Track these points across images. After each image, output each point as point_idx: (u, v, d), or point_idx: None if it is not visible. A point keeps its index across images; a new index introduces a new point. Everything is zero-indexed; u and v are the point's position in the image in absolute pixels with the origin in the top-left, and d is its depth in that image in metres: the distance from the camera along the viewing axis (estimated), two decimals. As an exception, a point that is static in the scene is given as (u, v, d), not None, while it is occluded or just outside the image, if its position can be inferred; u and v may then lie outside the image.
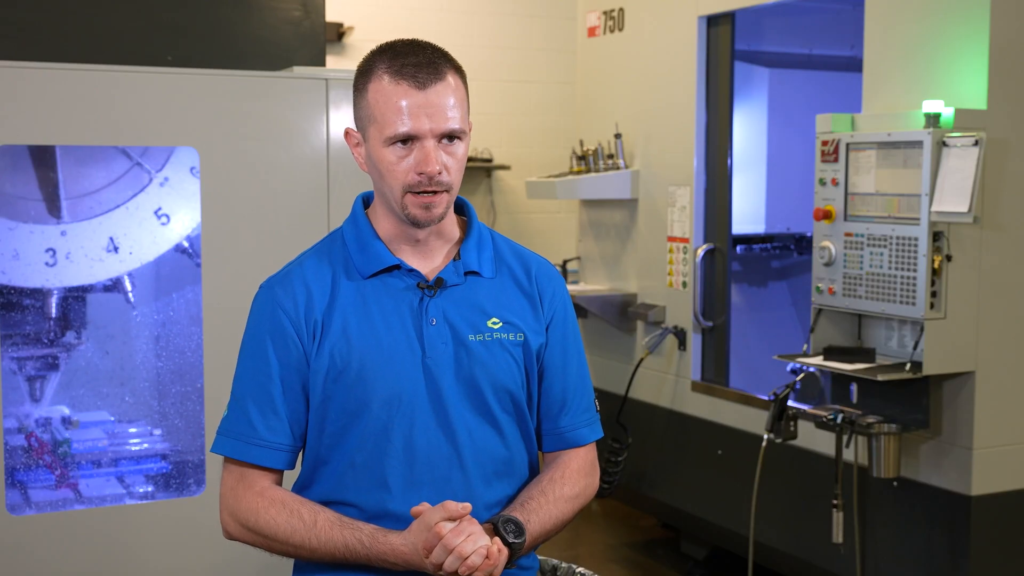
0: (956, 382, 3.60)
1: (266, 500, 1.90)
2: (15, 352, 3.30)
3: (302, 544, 1.87)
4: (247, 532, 1.92)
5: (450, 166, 1.87)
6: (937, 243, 3.45)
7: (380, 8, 6.77)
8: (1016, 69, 3.54)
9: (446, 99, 1.86)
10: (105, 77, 3.04)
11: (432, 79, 1.85)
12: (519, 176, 7.08)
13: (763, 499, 4.06)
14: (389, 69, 1.86)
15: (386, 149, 1.86)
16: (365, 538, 1.84)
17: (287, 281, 1.96)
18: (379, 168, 1.89)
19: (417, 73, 1.85)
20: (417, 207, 1.88)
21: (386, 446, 1.90)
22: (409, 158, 1.86)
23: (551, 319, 2.03)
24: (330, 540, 1.85)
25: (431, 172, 1.84)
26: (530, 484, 2.01)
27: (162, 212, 3.34)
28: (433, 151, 1.85)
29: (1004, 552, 3.65)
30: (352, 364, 1.90)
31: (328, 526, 1.86)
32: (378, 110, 1.87)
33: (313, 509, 1.89)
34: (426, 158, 1.84)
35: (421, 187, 1.86)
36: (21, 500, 3.19)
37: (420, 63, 1.86)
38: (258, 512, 1.90)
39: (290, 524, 1.87)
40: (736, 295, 5.10)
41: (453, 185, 1.89)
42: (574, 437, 2.05)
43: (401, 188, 1.87)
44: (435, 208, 1.88)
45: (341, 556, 1.85)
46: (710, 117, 4.71)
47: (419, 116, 1.84)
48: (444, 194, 1.88)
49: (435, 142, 1.86)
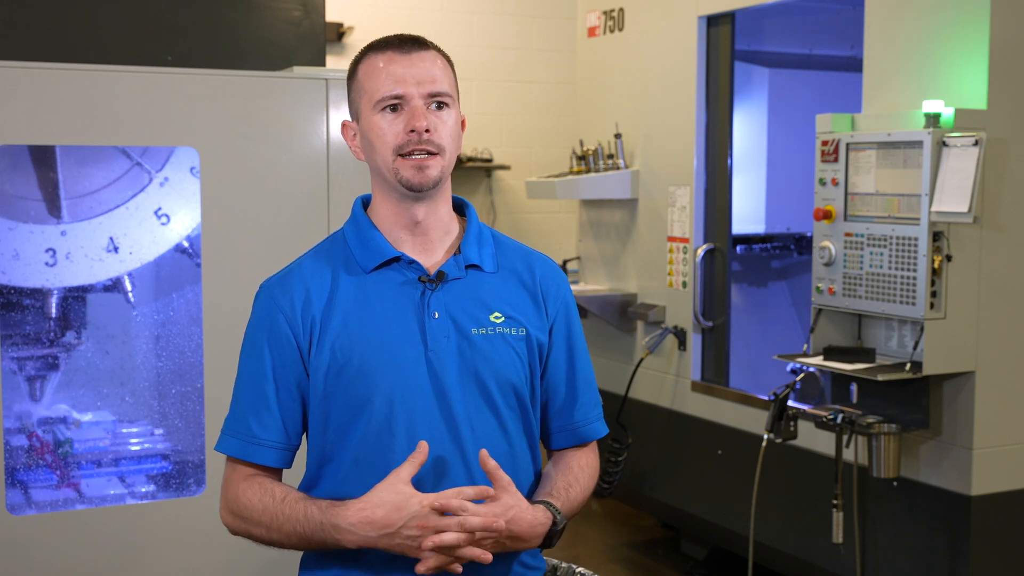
0: (956, 382, 3.60)
1: (247, 483, 1.93)
2: (15, 352, 3.30)
3: (272, 523, 1.88)
4: (234, 518, 1.95)
5: (440, 128, 1.91)
6: (937, 243, 3.45)
7: (380, 8, 6.78)
8: (1016, 69, 3.54)
9: (431, 65, 1.92)
10: (105, 77, 3.04)
11: (416, 48, 1.93)
12: (519, 176, 7.08)
13: (763, 499, 4.06)
14: (376, 49, 1.95)
15: (376, 116, 1.91)
16: (323, 503, 1.85)
17: (285, 281, 1.97)
18: (370, 138, 1.92)
19: (402, 44, 1.93)
20: (409, 169, 1.89)
21: (390, 441, 1.90)
22: (399, 121, 1.90)
23: (556, 317, 2.04)
24: (293, 511, 1.86)
25: (419, 127, 1.87)
26: (551, 475, 2.03)
27: (162, 212, 3.34)
28: (421, 109, 1.89)
29: (1004, 552, 3.65)
30: (354, 359, 1.90)
31: (294, 500, 1.88)
32: (367, 82, 1.93)
33: (286, 489, 1.91)
34: (413, 114, 1.88)
35: (411, 146, 1.89)
36: (23, 500, 3.19)
37: (404, 39, 1.95)
38: (239, 496, 1.92)
39: (262, 502, 1.89)
40: (736, 295, 5.10)
41: (445, 149, 1.92)
42: (587, 432, 2.08)
43: (392, 152, 1.90)
44: (428, 170, 1.90)
45: (302, 529, 1.85)
46: (710, 117, 4.71)
47: (405, 78, 1.90)
48: (436, 156, 1.90)
49: (423, 103, 1.90)
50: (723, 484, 4.57)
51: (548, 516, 1.91)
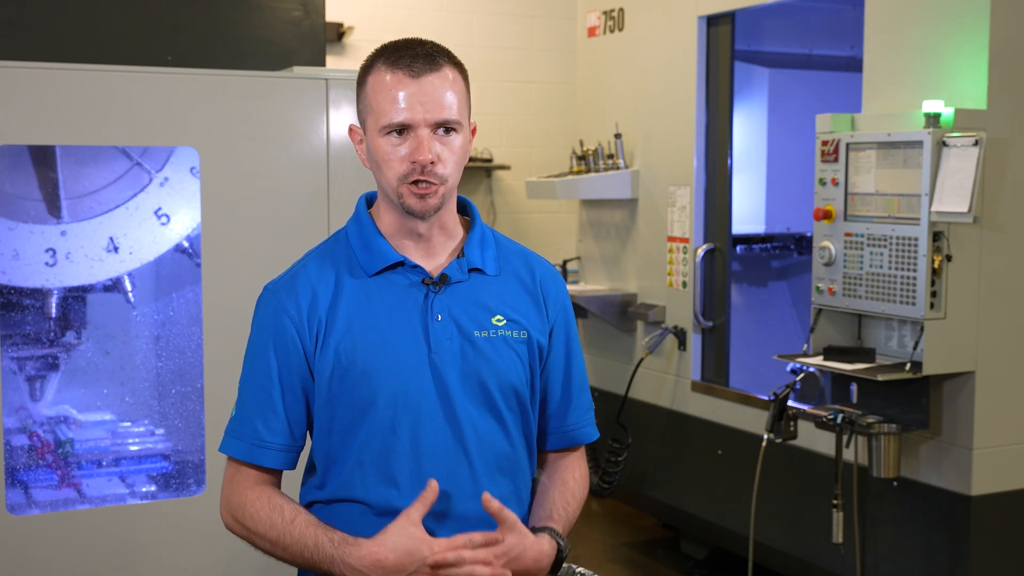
0: (956, 382, 3.60)
1: (255, 494, 1.93)
2: (15, 352, 3.30)
3: (278, 540, 1.88)
4: (236, 524, 1.95)
5: (445, 157, 1.88)
6: (937, 243, 3.45)
7: (380, 8, 6.77)
8: (1016, 69, 3.54)
9: (442, 89, 1.87)
10: (105, 77, 3.04)
11: (427, 70, 1.87)
12: (519, 176, 7.08)
13: (763, 499, 4.06)
14: (387, 62, 1.89)
15: (382, 139, 1.88)
16: (336, 537, 1.85)
17: (291, 283, 1.97)
18: (376, 158, 1.90)
19: (413, 63, 1.87)
20: (412, 196, 1.88)
21: (393, 443, 1.90)
22: (404, 147, 1.87)
23: (556, 319, 2.05)
24: (303, 536, 1.86)
25: (423, 161, 1.85)
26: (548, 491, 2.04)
27: (162, 212, 3.34)
28: (427, 140, 1.85)
29: (1004, 552, 3.65)
30: (358, 361, 1.90)
31: (304, 525, 1.87)
32: (374, 100, 1.89)
33: (296, 509, 1.91)
34: (419, 147, 1.85)
35: (415, 176, 1.86)
36: (24, 500, 3.19)
37: (417, 55, 1.88)
38: (245, 505, 1.92)
39: (270, 518, 1.89)
40: (736, 295, 5.10)
41: (449, 178, 1.89)
42: (579, 435, 2.08)
43: (396, 178, 1.88)
44: (430, 199, 1.88)
45: (310, 556, 1.85)
46: (710, 117, 4.71)
47: (413, 105, 1.85)
48: (439, 186, 1.88)
49: (430, 132, 1.86)
50: (723, 484, 4.57)
51: (553, 546, 1.92)
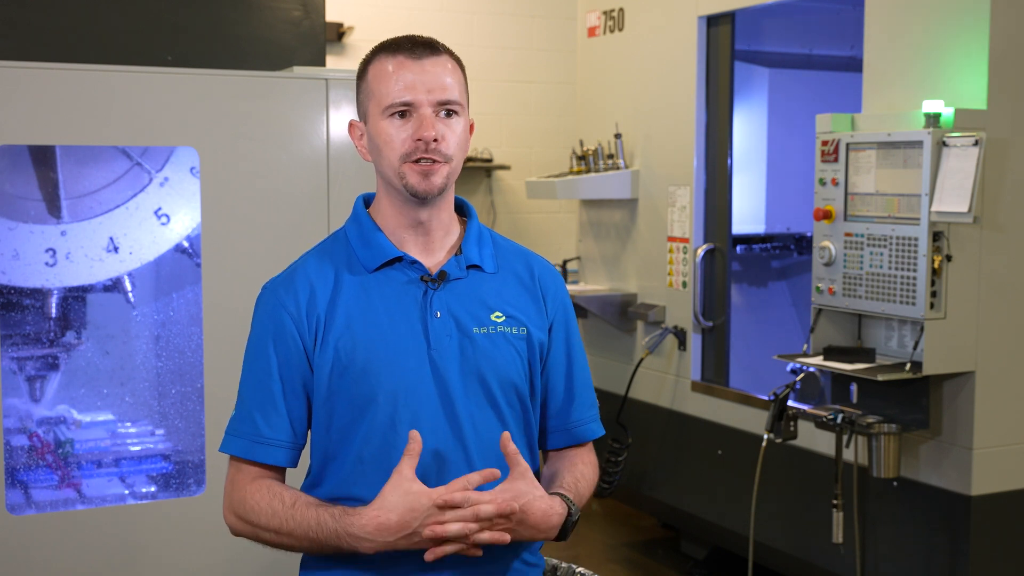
0: (956, 382, 3.60)
1: (255, 487, 1.93)
2: (15, 352, 3.30)
3: (282, 527, 1.88)
4: (240, 522, 1.94)
5: (448, 137, 1.90)
6: (937, 243, 3.45)
7: (380, 8, 6.77)
8: (1016, 69, 3.54)
9: (443, 72, 1.91)
10: (105, 77, 3.04)
11: (428, 54, 1.92)
12: (519, 176, 7.08)
13: (763, 499, 4.06)
14: (388, 51, 1.94)
15: (385, 121, 1.90)
16: (336, 511, 1.85)
17: (289, 280, 1.98)
18: (378, 143, 1.92)
19: (414, 49, 1.92)
20: (415, 175, 1.89)
21: (393, 439, 1.91)
22: (407, 127, 1.89)
23: (555, 316, 2.06)
24: (305, 518, 1.86)
25: (427, 137, 1.87)
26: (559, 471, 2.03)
27: (162, 212, 3.34)
28: (430, 118, 1.89)
29: (1004, 552, 3.65)
30: (357, 358, 1.91)
31: (304, 506, 1.88)
32: (376, 86, 1.92)
33: (295, 494, 1.91)
34: (422, 124, 1.88)
35: (418, 154, 1.88)
36: (24, 500, 3.19)
37: (417, 43, 1.93)
38: (245, 499, 1.92)
39: (271, 506, 1.89)
40: (736, 295, 5.10)
41: (453, 158, 1.92)
42: (583, 432, 2.08)
43: (399, 158, 1.90)
44: (433, 177, 1.90)
45: (315, 535, 1.85)
46: (710, 117, 4.71)
47: (415, 85, 1.89)
48: (443, 164, 1.90)
49: (432, 111, 1.89)
50: (723, 484, 4.57)
51: (564, 506, 1.91)
